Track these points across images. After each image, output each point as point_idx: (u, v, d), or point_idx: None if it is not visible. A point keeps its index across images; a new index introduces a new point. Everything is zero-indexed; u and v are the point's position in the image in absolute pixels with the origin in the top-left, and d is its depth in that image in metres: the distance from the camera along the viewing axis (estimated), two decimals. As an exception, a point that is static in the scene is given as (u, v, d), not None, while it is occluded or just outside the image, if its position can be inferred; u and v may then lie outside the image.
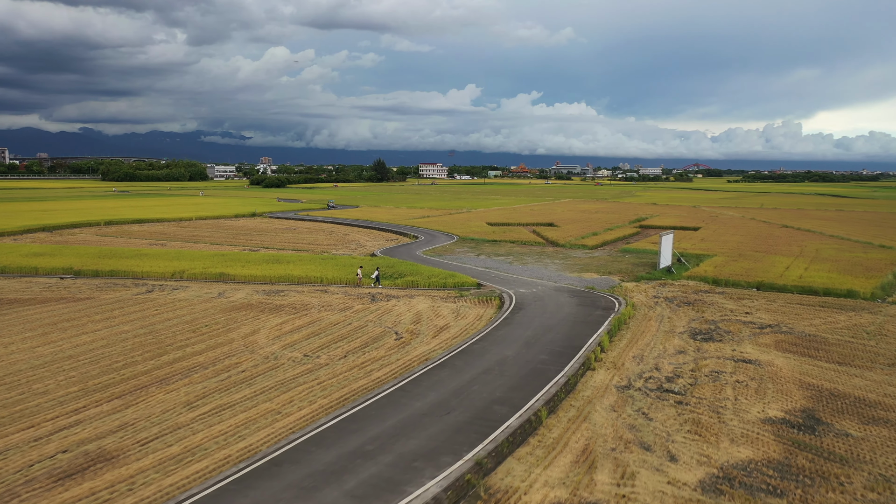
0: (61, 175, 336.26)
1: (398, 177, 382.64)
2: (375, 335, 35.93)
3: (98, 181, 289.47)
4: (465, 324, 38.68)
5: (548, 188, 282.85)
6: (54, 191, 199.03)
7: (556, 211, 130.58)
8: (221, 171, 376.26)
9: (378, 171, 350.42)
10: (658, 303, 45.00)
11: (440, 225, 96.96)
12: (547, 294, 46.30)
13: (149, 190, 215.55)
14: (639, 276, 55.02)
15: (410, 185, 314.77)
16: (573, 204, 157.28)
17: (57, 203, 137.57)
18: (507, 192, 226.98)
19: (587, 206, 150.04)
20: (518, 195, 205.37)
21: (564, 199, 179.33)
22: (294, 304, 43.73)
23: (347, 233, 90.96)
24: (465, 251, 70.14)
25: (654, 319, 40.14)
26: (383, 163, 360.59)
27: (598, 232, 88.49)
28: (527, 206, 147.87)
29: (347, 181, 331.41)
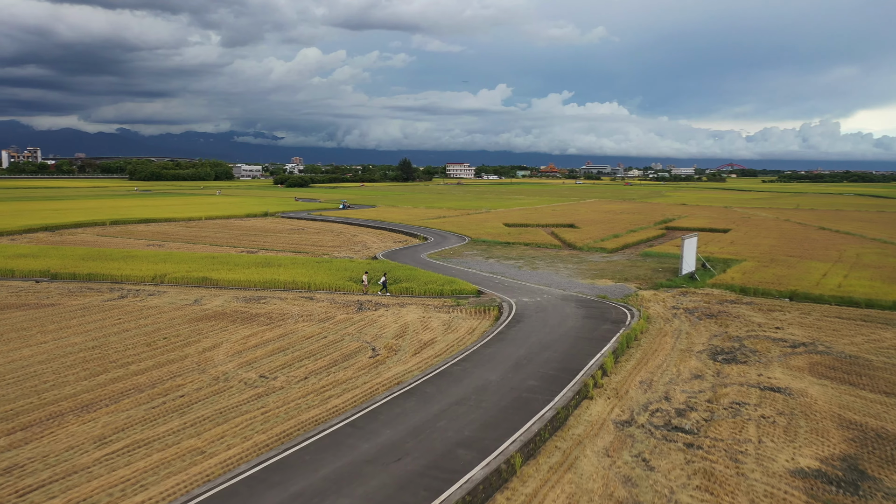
0: (90, 175, 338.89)
1: (424, 176, 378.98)
2: (349, 351, 31.80)
3: (125, 181, 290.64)
4: (454, 339, 34.34)
5: (575, 188, 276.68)
6: (77, 190, 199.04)
7: (579, 211, 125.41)
8: (248, 171, 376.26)
9: (403, 171, 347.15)
10: (676, 315, 40.16)
11: (454, 226, 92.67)
12: (552, 304, 41.72)
13: (171, 189, 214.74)
14: (658, 283, 50.11)
15: (435, 184, 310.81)
16: (598, 204, 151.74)
17: (70, 202, 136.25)
18: (532, 192, 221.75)
19: (612, 206, 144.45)
20: (543, 195, 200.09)
21: (590, 200, 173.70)
22: (272, 312, 39.82)
23: (356, 234, 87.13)
24: (473, 254, 65.74)
25: (669, 335, 35.37)
26: (409, 162, 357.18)
27: (620, 234, 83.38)
28: (549, 206, 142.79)
29: (373, 181, 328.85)
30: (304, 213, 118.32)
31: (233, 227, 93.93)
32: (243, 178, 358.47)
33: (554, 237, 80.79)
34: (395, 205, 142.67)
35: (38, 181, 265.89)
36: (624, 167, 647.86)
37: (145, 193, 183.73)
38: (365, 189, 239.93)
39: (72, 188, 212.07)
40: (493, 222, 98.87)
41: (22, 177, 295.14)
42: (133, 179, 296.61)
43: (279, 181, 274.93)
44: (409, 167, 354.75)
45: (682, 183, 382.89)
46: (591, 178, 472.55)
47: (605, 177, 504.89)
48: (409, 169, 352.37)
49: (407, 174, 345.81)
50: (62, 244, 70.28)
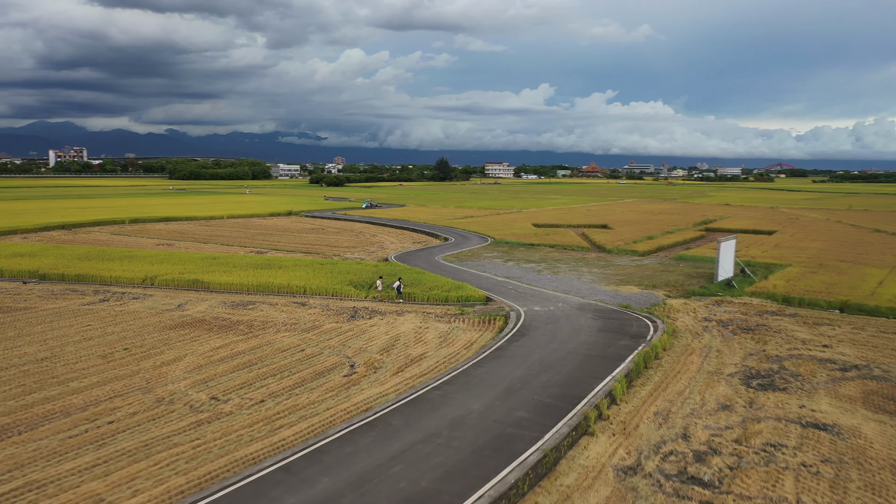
0: (133, 174, 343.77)
1: (462, 176, 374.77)
2: (324, 368, 27.94)
3: (165, 180, 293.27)
4: (447, 354, 30.21)
5: (615, 188, 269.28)
6: (114, 189, 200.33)
7: (615, 212, 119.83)
8: (286, 171, 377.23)
9: (441, 171, 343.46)
10: (708, 328, 35.33)
11: (480, 226, 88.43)
12: (565, 314, 37.25)
13: (205, 188, 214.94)
14: (690, 290, 45.14)
15: (472, 184, 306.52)
16: (636, 204, 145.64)
17: (97, 201, 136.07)
18: (569, 192, 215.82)
19: (651, 206, 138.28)
20: (580, 195, 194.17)
21: (629, 200, 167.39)
22: (255, 320, 36.27)
23: (376, 234, 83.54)
24: (493, 256, 61.43)
25: (697, 353, 30.65)
26: (446, 162, 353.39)
27: (655, 235, 78.03)
28: (584, 206, 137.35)
29: (410, 180, 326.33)
30: (329, 212, 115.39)
31: (252, 226, 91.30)
32: (281, 177, 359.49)
33: (584, 238, 75.96)
34: (425, 204, 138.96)
35: (78, 180, 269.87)
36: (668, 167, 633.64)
37: (179, 192, 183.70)
38: (402, 188, 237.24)
39: (109, 187, 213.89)
40: (522, 223, 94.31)
41: (66, 176, 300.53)
42: (173, 178, 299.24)
43: (315, 180, 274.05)
44: (447, 166, 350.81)
45: (728, 183, 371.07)
46: (633, 177, 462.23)
47: (648, 177, 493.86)
48: (446, 168, 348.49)
49: (444, 173, 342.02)
50: (71, 243, 68.27)
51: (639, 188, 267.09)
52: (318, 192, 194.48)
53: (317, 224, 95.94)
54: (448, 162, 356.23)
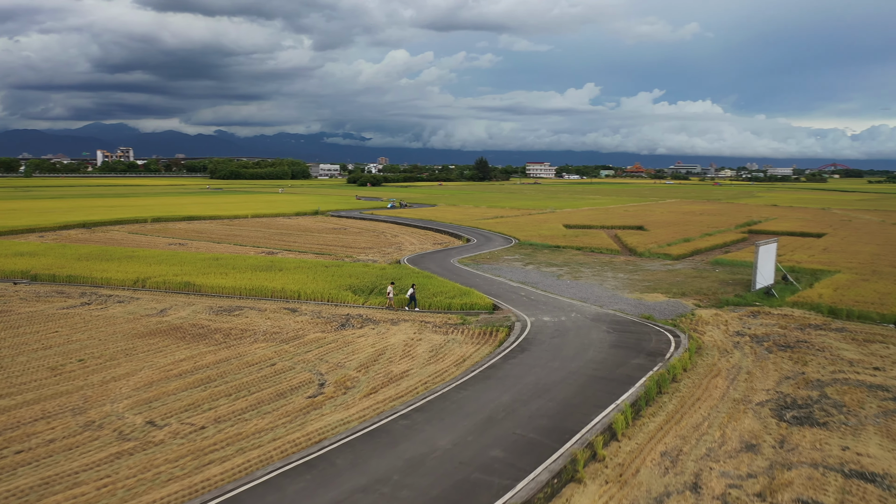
0: (176, 173, 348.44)
1: (502, 176, 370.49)
2: (290, 386, 24.66)
3: (206, 179, 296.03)
4: (434, 372, 26.63)
5: (658, 188, 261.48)
6: (152, 188, 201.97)
7: (653, 212, 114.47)
8: (326, 170, 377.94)
9: (480, 170, 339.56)
10: (739, 345, 30.99)
11: (508, 227, 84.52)
12: (577, 326, 33.29)
13: (242, 188, 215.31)
14: (723, 299, 40.64)
15: (511, 184, 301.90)
16: (678, 205, 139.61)
17: (126, 200, 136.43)
18: (610, 192, 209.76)
19: (692, 207, 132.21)
20: (621, 195, 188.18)
21: (670, 200, 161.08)
22: (235, 328, 33.28)
23: (398, 234, 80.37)
24: (513, 259, 57.57)
25: (723, 375, 26.45)
26: (485, 161, 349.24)
27: (692, 238, 73.04)
28: (622, 206, 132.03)
29: (449, 180, 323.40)
30: (356, 211, 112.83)
31: (273, 225, 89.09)
32: (321, 176, 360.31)
33: (615, 241, 71.48)
34: (457, 204, 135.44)
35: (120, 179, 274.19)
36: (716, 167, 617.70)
37: (215, 191, 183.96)
38: (441, 188, 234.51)
39: (147, 186, 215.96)
40: (553, 223, 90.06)
41: (110, 175, 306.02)
42: (214, 178, 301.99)
43: (352, 180, 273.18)
44: (486, 166, 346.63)
45: (778, 183, 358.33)
46: (678, 178, 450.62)
47: (694, 177, 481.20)
48: (485, 168, 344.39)
49: (483, 173, 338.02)
50: (84, 242, 66.78)
51: (683, 188, 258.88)
52: (351, 192, 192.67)
53: (340, 224, 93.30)
54: (487, 162, 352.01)
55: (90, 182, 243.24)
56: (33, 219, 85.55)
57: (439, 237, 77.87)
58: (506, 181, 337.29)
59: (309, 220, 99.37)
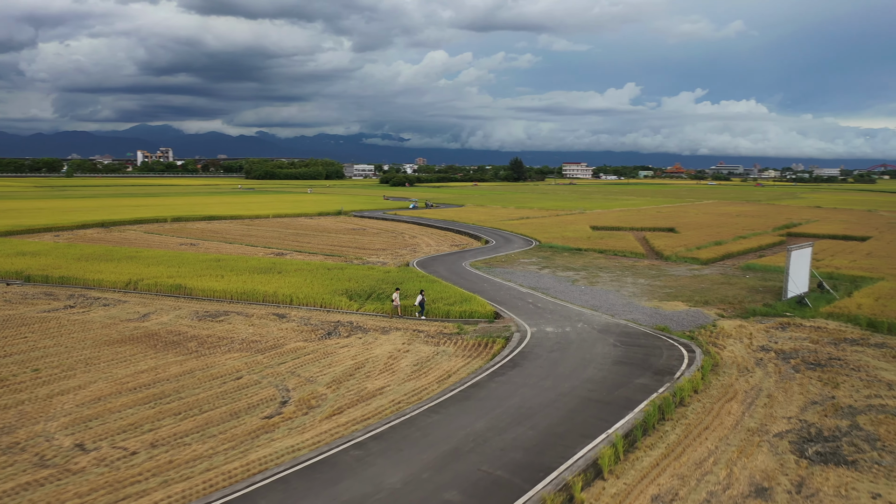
0: (213, 174, 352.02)
1: (537, 176, 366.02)
2: (247, 405, 22.28)
3: (241, 179, 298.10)
4: (411, 390, 23.99)
5: (697, 188, 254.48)
6: (184, 188, 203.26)
7: (687, 213, 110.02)
8: (360, 171, 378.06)
9: (515, 171, 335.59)
10: (762, 362, 27.67)
11: (531, 228, 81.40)
12: (581, 338, 30.31)
13: (274, 187, 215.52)
14: (750, 309, 37.14)
15: (546, 184, 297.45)
16: (714, 206, 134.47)
17: (153, 199, 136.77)
18: (646, 193, 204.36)
19: (730, 208, 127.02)
20: (656, 196, 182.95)
21: (708, 201, 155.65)
22: (213, 336, 31.13)
23: (417, 235, 77.92)
24: (528, 262, 54.59)
25: (739, 399, 23.26)
26: (520, 162, 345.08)
27: (725, 241, 69.02)
28: (655, 207, 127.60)
29: (484, 180, 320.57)
30: (380, 212, 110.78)
31: (292, 225, 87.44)
32: (356, 177, 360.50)
33: (643, 243, 67.93)
34: (484, 204, 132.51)
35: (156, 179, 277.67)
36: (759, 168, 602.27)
37: (246, 191, 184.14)
38: (476, 188, 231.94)
39: (181, 185, 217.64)
40: (580, 225, 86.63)
41: (148, 175, 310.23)
42: (249, 178, 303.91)
43: (384, 180, 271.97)
44: (521, 167, 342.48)
45: (824, 184, 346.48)
46: (719, 178, 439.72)
47: (736, 178, 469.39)
48: (520, 168, 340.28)
49: (518, 174, 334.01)
50: (98, 241, 65.85)
51: (723, 189, 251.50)
52: (382, 192, 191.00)
53: (361, 224, 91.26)
54: (522, 162, 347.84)
55: (126, 182, 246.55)
56: (54, 218, 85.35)
57: (458, 238, 75.19)
58: (540, 181, 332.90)
59: (330, 220, 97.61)
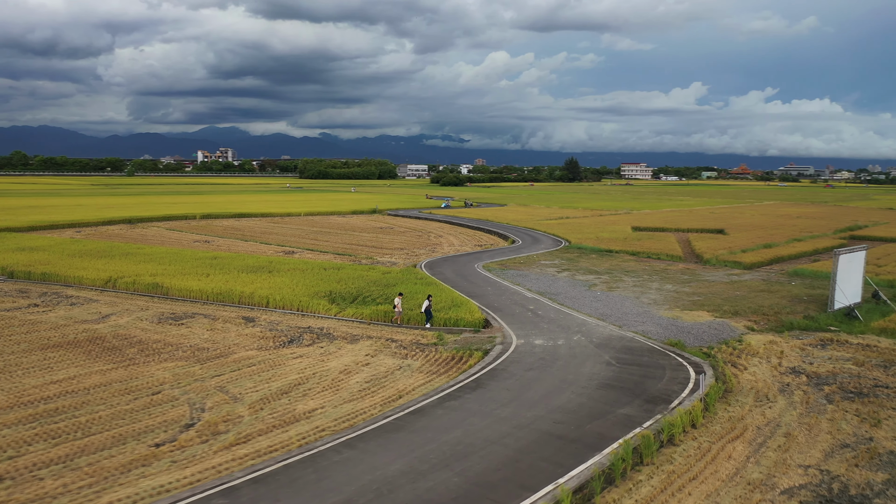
0: (269, 173, 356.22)
1: (592, 176, 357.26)
2: (145, 426, 18.87)
3: (294, 178, 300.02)
4: (348, 413, 20.14)
5: (761, 189, 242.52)
6: (235, 186, 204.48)
7: (743, 215, 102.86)
8: (413, 171, 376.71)
9: (570, 171, 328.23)
10: (788, 388, 22.74)
11: (566, 228, 76.55)
12: (572, 353, 25.87)
13: (321, 187, 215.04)
14: (787, 321, 31.87)
15: (601, 185, 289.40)
16: (775, 207, 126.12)
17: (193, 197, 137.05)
18: (704, 194, 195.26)
19: (791, 209, 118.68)
20: (715, 196, 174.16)
21: (769, 202, 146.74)
22: (163, 341, 28.03)
23: (443, 234, 74.09)
24: (549, 264, 50.03)
25: (746, 438, 18.55)
26: (576, 162, 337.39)
27: (776, 243, 62.77)
28: (709, 208, 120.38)
29: (538, 181, 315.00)
30: (415, 210, 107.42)
31: (318, 223, 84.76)
32: (409, 177, 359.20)
33: (684, 245, 62.39)
34: (527, 204, 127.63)
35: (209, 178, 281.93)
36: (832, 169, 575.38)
37: (293, 190, 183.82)
38: (532, 188, 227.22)
39: (230, 184, 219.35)
40: (622, 225, 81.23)
41: (204, 174, 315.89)
42: (303, 177, 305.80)
43: (435, 180, 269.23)
44: (576, 167, 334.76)
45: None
46: (787, 180, 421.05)
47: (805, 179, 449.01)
48: (575, 169, 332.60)
49: (573, 174, 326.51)
50: (118, 238, 64.46)
51: (788, 191, 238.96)
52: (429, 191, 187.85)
53: (390, 223, 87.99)
54: (578, 162, 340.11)
55: (180, 181, 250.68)
56: (83, 214, 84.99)
57: (486, 238, 71.05)
58: (595, 182, 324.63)
59: (362, 218, 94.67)
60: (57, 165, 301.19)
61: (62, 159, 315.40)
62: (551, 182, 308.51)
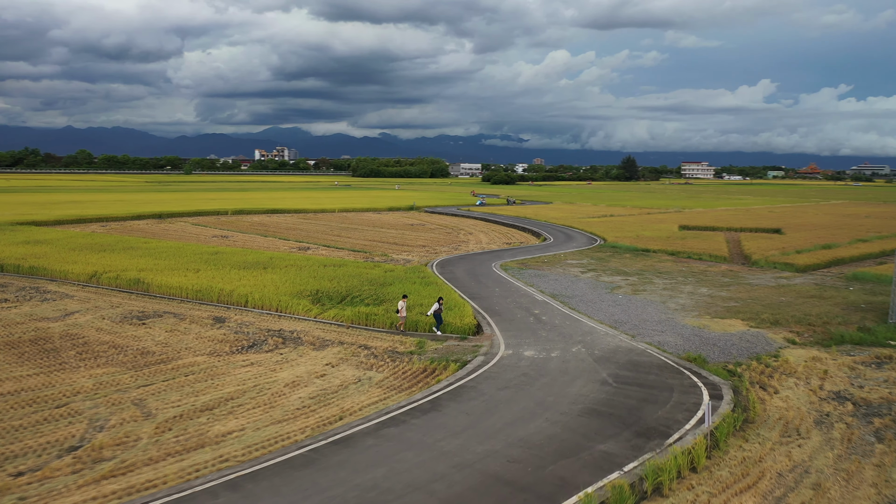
0: (322, 172, 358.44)
1: (651, 176, 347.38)
2: (22, 448, 15.88)
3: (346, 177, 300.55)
4: (269, 437, 16.66)
5: (829, 189, 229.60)
6: (283, 183, 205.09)
7: (805, 214, 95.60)
8: (466, 169, 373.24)
9: (627, 170, 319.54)
10: (828, 419, 18.20)
11: (606, 227, 71.74)
12: (563, 369, 21.78)
13: (370, 185, 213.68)
14: (837, 333, 26.90)
15: (659, 184, 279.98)
16: (841, 207, 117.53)
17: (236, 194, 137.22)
18: (766, 193, 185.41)
19: (858, 209, 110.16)
20: (778, 195, 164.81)
21: (836, 202, 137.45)
22: (114, 342, 25.28)
23: (473, 231, 70.28)
24: (574, 264, 45.67)
25: (759, 490, 14.27)
26: (633, 161, 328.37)
27: (837, 244, 56.63)
28: (768, 207, 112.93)
29: (594, 179, 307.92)
30: (454, 208, 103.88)
31: (349, 220, 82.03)
32: (462, 175, 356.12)
33: (732, 245, 56.96)
34: (573, 202, 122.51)
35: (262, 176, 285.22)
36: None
37: (340, 188, 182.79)
38: (590, 187, 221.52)
39: (281, 182, 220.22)
40: (668, 224, 75.84)
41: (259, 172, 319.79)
42: (355, 175, 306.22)
43: (486, 178, 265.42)
44: (633, 166, 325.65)
45: None
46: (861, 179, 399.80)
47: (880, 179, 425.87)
48: (632, 168, 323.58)
49: (630, 173, 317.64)
50: (134, 233, 63.10)
51: (859, 190, 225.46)
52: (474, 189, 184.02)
53: (424, 219, 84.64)
54: (635, 161, 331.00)
55: (233, 178, 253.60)
56: (114, 209, 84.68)
57: (517, 235, 66.99)
58: (653, 181, 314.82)
59: (397, 215, 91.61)
60: (119, 164, 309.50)
61: (124, 158, 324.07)
62: (607, 181, 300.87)
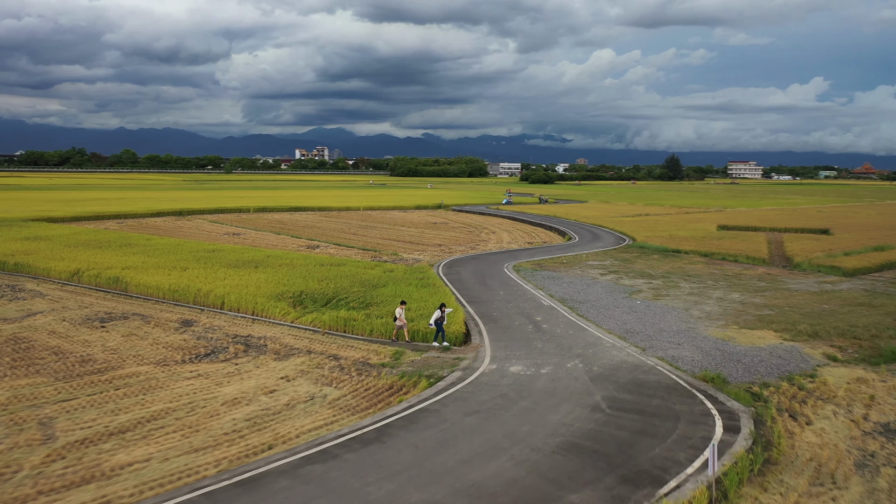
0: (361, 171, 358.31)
1: (695, 175, 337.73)
2: None
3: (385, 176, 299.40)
4: (171, 472, 13.80)
5: (884, 189, 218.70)
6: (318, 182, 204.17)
7: (856, 214, 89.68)
8: (505, 169, 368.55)
9: (670, 170, 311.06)
10: (872, 460, 14.54)
11: (639, 226, 67.69)
12: (552, 388, 18.46)
13: (405, 184, 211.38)
14: (886, 349, 22.94)
15: (703, 183, 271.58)
16: None
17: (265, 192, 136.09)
18: (816, 193, 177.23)
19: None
20: (828, 196, 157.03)
21: (892, 202, 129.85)
22: (58, 347, 22.90)
23: (497, 230, 66.95)
24: (594, 265, 42.04)
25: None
26: (677, 160, 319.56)
27: (892, 246, 51.67)
28: (817, 206, 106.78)
29: (636, 179, 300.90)
30: (482, 206, 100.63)
31: (370, 218, 79.43)
32: (501, 175, 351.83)
33: (774, 246, 52.52)
34: (610, 201, 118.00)
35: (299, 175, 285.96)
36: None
37: (375, 186, 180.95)
38: (634, 187, 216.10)
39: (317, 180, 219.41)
40: (706, 224, 71.31)
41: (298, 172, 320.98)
42: (393, 175, 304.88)
43: (524, 178, 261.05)
44: (677, 165, 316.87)
45: None
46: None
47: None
48: (676, 167, 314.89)
49: (674, 173, 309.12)
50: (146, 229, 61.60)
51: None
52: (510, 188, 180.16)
53: (449, 218, 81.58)
54: (679, 161, 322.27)
55: (271, 177, 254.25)
56: (136, 206, 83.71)
57: (542, 234, 63.50)
58: (698, 181, 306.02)
59: (422, 213, 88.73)
60: (161, 163, 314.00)
61: (167, 157, 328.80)
62: (649, 181, 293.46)
